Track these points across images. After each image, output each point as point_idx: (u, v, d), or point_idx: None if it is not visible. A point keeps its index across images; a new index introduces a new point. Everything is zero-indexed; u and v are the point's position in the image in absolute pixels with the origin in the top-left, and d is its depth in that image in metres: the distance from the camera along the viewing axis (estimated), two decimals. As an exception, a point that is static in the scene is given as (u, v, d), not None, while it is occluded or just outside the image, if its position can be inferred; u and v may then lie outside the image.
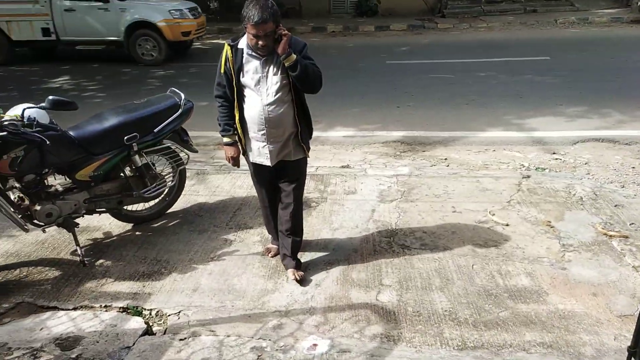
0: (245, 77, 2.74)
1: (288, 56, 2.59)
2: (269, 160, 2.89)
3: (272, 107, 2.74)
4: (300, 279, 3.05)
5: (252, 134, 2.88)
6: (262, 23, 2.48)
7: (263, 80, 2.72)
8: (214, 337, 2.63)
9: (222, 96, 2.90)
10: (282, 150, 2.88)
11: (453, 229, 3.63)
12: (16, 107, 3.02)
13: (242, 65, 2.72)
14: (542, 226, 3.64)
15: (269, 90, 2.72)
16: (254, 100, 2.77)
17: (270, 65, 2.69)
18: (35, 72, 10.05)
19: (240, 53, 2.72)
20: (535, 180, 4.37)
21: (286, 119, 2.81)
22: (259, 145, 2.88)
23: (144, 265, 3.30)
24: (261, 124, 2.79)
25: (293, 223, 3.07)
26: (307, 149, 2.97)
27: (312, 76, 2.69)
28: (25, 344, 2.61)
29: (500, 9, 15.45)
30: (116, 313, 2.85)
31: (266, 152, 2.87)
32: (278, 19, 2.55)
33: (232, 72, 2.75)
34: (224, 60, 2.78)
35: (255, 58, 2.69)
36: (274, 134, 2.81)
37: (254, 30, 2.51)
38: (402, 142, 5.48)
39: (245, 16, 2.51)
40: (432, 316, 2.75)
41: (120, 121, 3.37)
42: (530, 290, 2.94)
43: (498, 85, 7.61)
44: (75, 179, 3.29)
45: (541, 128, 5.75)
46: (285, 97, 2.76)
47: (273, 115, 2.76)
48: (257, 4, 2.50)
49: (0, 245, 3.56)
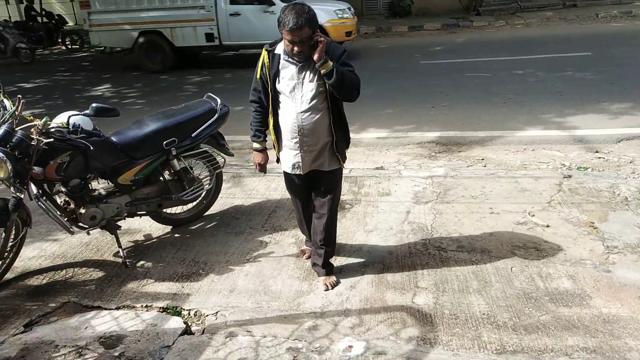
0: (280, 83, 2.70)
1: (324, 63, 2.53)
2: (300, 169, 2.85)
3: (306, 115, 2.69)
4: (331, 287, 3.04)
5: (285, 142, 2.84)
6: (298, 29, 2.43)
7: (298, 87, 2.66)
8: (250, 337, 2.67)
9: (257, 101, 2.88)
10: (316, 159, 2.83)
11: (491, 231, 3.56)
12: (62, 114, 3.16)
13: (279, 71, 2.69)
14: (584, 227, 3.52)
15: (304, 98, 2.67)
16: (288, 107, 2.73)
17: (306, 71, 2.64)
18: (78, 80, 10.47)
19: (277, 58, 2.68)
20: (577, 180, 4.23)
21: (320, 127, 2.74)
22: (291, 154, 2.83)
23: (183, 267, 3.38)
24: (294, 131, 2.74)
25: (326, 235, 3.04)
26: (342, 159, 2.90)
27: (349, 84, 2.61)
28: (71, 342, 2.71)
29: (538, 5, 15.06)
30: (156, 313, 2.93)
31: (298, 161, 2.82)
32: (315, 24, 2.50)
33: (267, 77, 2.72)
34: (260, 65, 2.75)
35: (292, 64, 2.64)
36: (307, 142, 2.76)
37: (289, 36, 2.47)
38: (437, 143, 5.41)
39: (281, 22, 2.48)
40: (470, 319, 2.70)
41: (160, 126, 3.47)
42: (572, 294, 2.85)
43: (537, 83, 7.41)
44: (118, 183, 3.40)
45: (583, 126, 5.56)
46: (320, 104, 2.69)
47: (307, 123, 2.70)
48: (294, 9, 2.45)
49: (48, 247, 3.72)
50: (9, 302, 3.08)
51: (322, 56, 2.52)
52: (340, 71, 2.55)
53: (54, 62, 13.52)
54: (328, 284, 3.05)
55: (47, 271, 3.41)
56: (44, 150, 2.95)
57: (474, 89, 7.37)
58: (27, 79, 10.69)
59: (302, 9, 2.47)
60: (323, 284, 3.06)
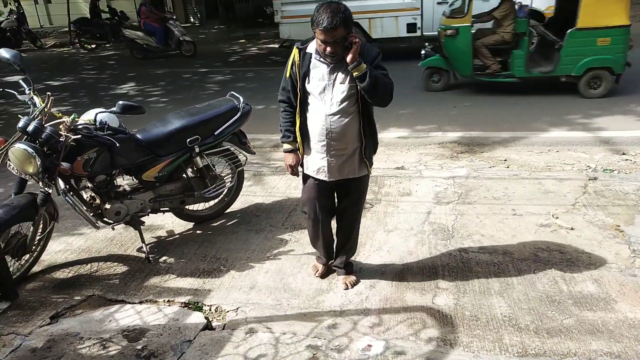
0: (310, 83, 2.60)
1: (358, 66, 2.42)
2: (325, 174, 2.73)
3: (335, 118, 2.58)
4: (351, 287, 3.03)
5: (312, 144, 2.72)
6: (332, 29, 2.33)
7: (329, 89, 2.56)
8: (270, 334, 2.69)
9: (286, 101, 2.77)
10: (343, 166, 2.72)
11: (513, 232, 3.51)
12: (89, 111, 3.23)
13: (309, 70, 2.59)
14: (610, 230, 3.45)
15: (334, 100, 2.56)
16: (317, 108, 2.63)
17: (338, 72, 2.54)
18: (103, 79, 10.66)
19: (308, 57, 2.59)
20: (602, 183, 4.15)
21: (350, 131, 2.63)
22: (317, 157, 2.72)
23: (204, 263, 3.42)
24: (322, 134, 2.64)
25: (351, 244, 3.04)
26: (370, 165, 2.79)
27: (381, 89, 2.50)
28: (96, 334, 2.77)
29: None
30: (178, 308, 2.97)
31: (324, 165, 2.71)
32: (350, 25, 2.39)
33: (297, 76, 2.62)
34: (290, 63, 2.65)
35: (324, 64, 2.55)
36: (335, 146, 2.65)
37: (322, 36, 2.37)
38: (458, 143, 5.37)
39: (314, 21, 2.38)
40: (491, 321, 2.67)
41: (184, 124, 3.52)
42: (596, 298, 2.80)
43: (562, 83, 7.27)
44: (142, 179, 3.46)
45: (609, 127, 5.45)
46: (351, 108, 2.59)
47: (335, 127, 2.60)
48: (328, 8, 2.35)
49: (74, 241, 3.81)
50: (36, 295, 3.17)
51: (355, 58, 2.42)
52: (374, 75, 2.45)
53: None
54: (348, 283, 3.05)
55: (72, 265, 3.49)
56: (71, 147, 3.02)
57: (497, 89, 7.27)
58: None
59: (337, 7, 2.36)
60: (342, 283, 3.05)
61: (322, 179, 2.76)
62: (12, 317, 2.93)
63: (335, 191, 2.92)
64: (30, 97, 3.17)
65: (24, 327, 2.84)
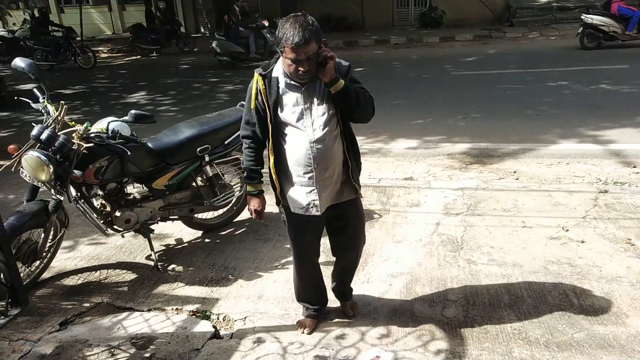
0: (284, 111, 2.29)
1: (335, 82, 2.18)
2: (317, 209, 2.41)
3: (321, 144, 2.29)
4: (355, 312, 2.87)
5: (295, 179, 2.39)
6: (304, 44, 2.05)
7: (307, 113, 2.27)
8: (278, 343, 2.68)
9: (251, 136, 2.45)
10: (330, 193, 2.44)
11: (523, 245, 3.49)
12: (102, 120, 3.27)
13: (279, 97, 2.28)
14: (621, 244, 3.42)
15: (316, 124, 2.27)
16: (297, 138, 2.31)
17: (313, 94, 2.26)
18: (115, 87, 10.79)
19: (275, 83, 2.28)
20: (613, 195, 4.12)
21: (337, 155, 2.37)
22: (303, 192, 2.40)
23: (213, 271, 3.43)
24: (308, 165, 2.32)
25: (350, 280, 2.84)
26: (359, 188, 2.52)
27: (363, 103, 2.27)
28: (104, 341, 2.78)
29: (574, 16, 14.74)
30: (186, 316, 2.98)
31: (314, 199, 2.39)
32: (320, 37, 2.12)
33: (266, 107, 2.30)
34: (254, 93, 2.33)
35: (295, 88, 2.26)
36: (323, 175, 2.35)
37: (293, 54, 2.08)
38: (468, 154, 5.36)
39: (282, 37, 2.09)
40: (501, 334, 2.65)
41: (194, 133, 3.56)
42: (607, 312, 2.77)
43: (571, 96, 7.27)
44: (152, 187, 3.49)
45: (620, 140, 5.42)
46: (334, 130, 2.33)
47: (322, 153, 2.30)
48: (296, 22, 2.07)
49: (84, 248, 3.84)
50: (46, 301, 3.19)
51: (332, 74, 2.16)
52: (354, 88, 2.24)
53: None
54: (352, 308, 2.88)
55: (82, 272, 3.51)
56: (83, 155, 3.05)
57: (506, 100, 7.27)
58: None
59: (305, 20, 2.09)
60: (349, 309, 2.87)
61: (314, 214, 2.43)
62: (21, 323, 2.95)
63: (326, 227, 2.61)
64: (44, 105, 3.21)
65: (34, 334, 2.86)
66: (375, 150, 5.59)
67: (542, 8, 15.48)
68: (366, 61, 11.47)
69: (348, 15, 16.04)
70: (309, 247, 2.62)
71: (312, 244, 2.62)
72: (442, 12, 15.78)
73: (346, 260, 2.74)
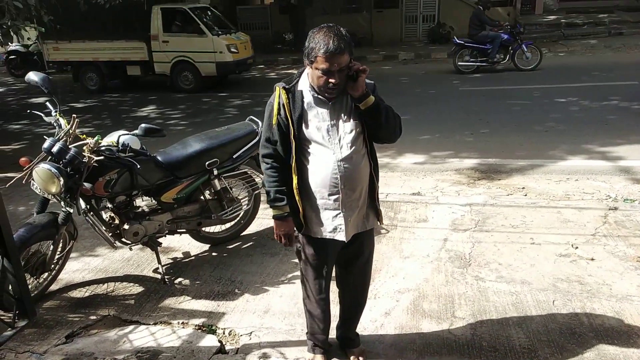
0: (309, 127, 2.15)
1: (366, 98, 2.07)
2: (342, 234, 2.24)
3: (349, 163, 2.15)
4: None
5: (320, 201, 2.22)
6: (339, 54, 1.95)
7: (333, 130, 2.14)
8: (283, 359, 2.66)
9: (273, 155, 2.26)
10: (357, 219, 2.29)
11: (532, 262, 3.46)
12: (113, 133, 3.31)
13: (304, 112, 2.15)
14: (631, 262, 3.38)
15: (343, 141, 2.14)
16: (323, 156, 2.16)
17: (340, 109, 2.15)
18: (125, 101, 10.90)
19: (299, 97, 2.15)
20: (623, 213, 4.08)
21: (364, 176, 2.24)
22: (330, 216, 2.23)
23: (219, 285, 3.42)
24: (334, 186, 2.17)
25: (357, 320, 2.66)
26: (380, 213, 2.40)
27: (392, 121, 2.17)
28: (110, 354, 2.78)
29: (582, 32, 14.82)
30: (192, 330, 2.97)
31: (340, 223, 2.23)
32: (352, 51, 2.03)
33: (290, 122, 2.15)
34: (276, 108, 2.18)
35: (321, 102, 2.13)
36: (350, 196, 2.20)
37: (325, 64, 1.97)
38: (476, 170, 5.34)
39: (314, 47, 1.98)
40: (509, 352, 2.61)
41: (203, 147, 3.58)
42: (618, 331, 2.72)
43: (580, 112, 7.25)
44: (161, 200, 3.51)
45: (629, 157, 5.38)
46: (362, 148, 2.20)
47: (350, 173, 2.16)
48: (330, 31, 1.98)
49: (91, 261, 3.85)
50: (53, 313, 3.20)
51: (364, 88, 2.07)
52: (384, 106, 2.14)
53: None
54: (363, 358, 2.63)
55: (89, 284, 3.52)
56: (94, 167, 3.08)
57: (514, 116, 7.27)
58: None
59: (339, 30, 2.00)
60: (356, 357, 2.62)
61: (340, 240, 2.27)
62: (28, 335, 2.96)
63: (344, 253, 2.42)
64: (56, 118, 3.26)
65: (40, 346, 2.87)
66: (383, 165, 5.58)
67: (550, 24, 15.54)
68: (375, 76, 11.45)
69: (357, 30, 16.15)
70: (325, 274, 2.42)
71: (328, 271, 2.42)
72: (450, 28, 15.86)
73: (354, 293, 2.56)
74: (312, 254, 2.37)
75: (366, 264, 2.48)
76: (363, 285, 2.56)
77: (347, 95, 2.12)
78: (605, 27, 14.89)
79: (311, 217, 2.28)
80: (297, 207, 2.25)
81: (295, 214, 2.28)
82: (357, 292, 2.56)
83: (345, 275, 2.51)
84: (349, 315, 2.64)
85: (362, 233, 2.35)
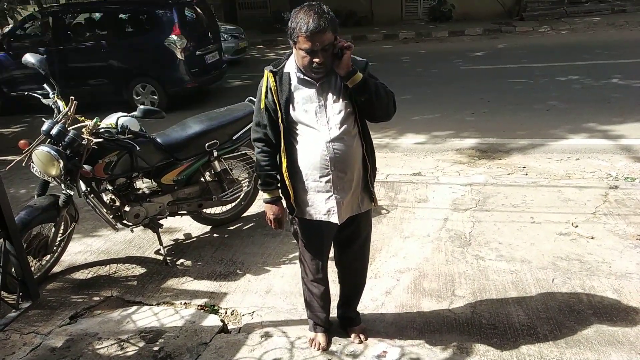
0: (296, 110, 2.13)
1: (353, 75, 2.03)
2: (336, 216, 2.23)
3: (338, 144, 2.13)
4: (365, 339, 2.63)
5: (310, 184, 2.21)
6: (320, 32, 1.91)
7: (321, 111, 2.11)
8: (285, 338, 2.70)
9: (263, 139, 2.26)
10: (351, 201, 2.27)
11: (532, 241, 3.47)
12: (111, 115, 3.29)
13: (291, 94, 2.12)
14: (631, 240, 3.39)
15: (332, 122, 2.11)
16: (312, 137, 2.14)
17: (328, 90, 2.11)
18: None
19: (287, 79, 2.13)
20: (624, 191, 4.08)
21: (356, 157, 2.21)
22: (321, 198, 2.22)
23: (221, 266, 3.45)
24: (325, 167, 2.15)
25: (358, 299, 2.69)
26: (374, 195, 2.37)
27: (384, 98, 2.12)
28: (114, 335, 2.81)
29: (585, 10, 14.60)
30: (195, 310, 3.00)
31: (332, 205, 2.21)
32: (337, 28, 1.98)
33: (277, 105, 2.14)
34: (264, 92, 2.18)
35: (308, 83, 2.11)
36: (342, 178, 2.18)
37: (308, 44, 1.94)
38: (476, 150, 5.33)
39: (295, 27, 1.95)
40: (509, 330, 2.64)
41: (203, 129, 3.57)
42: (617, 308, 2.75)
43: (582, 90, 7.19)
44: (161, 182, 3.51)
45: (631, 135, 5.36)
46: (353, 129, 2.17)
47: (341, 154, 2.14)
48: (311, 10, 1.94)
49: (94, 243, 3.87)
50: (56, 295, 3.23)
51: (349, 66, 2.02)
52: (373, 82, 2.09)
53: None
54: (363, 336, 2.64)
55: (92, 266, 3.55)
56: (93, 150, 3.08)
57: (515, 95, 7.22)
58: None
59: (320, 8, 1.95)
60: (357, 337, 2.63)
61: (333, 222, 2.26)
62: (32, 316, 2.99)
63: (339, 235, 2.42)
64: (55, 101, 3.24)
65: (44, 327, 2.90)
66: (383, 145, 5.57)
67: (553, 2, 15.30)
68: (375, 56, 11.41)
69: (357, 9, 15.96)
70: (324, 256, 2.45)
71: (324, 253, 2.44)
72: (452, 6, 15.64)
73: (353, 274, 2.58)
74: (307, 235, 2.39)
75: (364, 245, 2.49)
76: (362, 267, 2.58)
77: (336, 75, 2.09)
78: (608, 4, 14.67)
79: (304, 200, 2.27)
80: (288, 190, 2.26)
81: (287, 197, 2.29)
82: (356, 273, 2.59)
83: (344, 257, 2.53)
84: (348, 294, 2.68)
85: (358, 215, 2.34)
